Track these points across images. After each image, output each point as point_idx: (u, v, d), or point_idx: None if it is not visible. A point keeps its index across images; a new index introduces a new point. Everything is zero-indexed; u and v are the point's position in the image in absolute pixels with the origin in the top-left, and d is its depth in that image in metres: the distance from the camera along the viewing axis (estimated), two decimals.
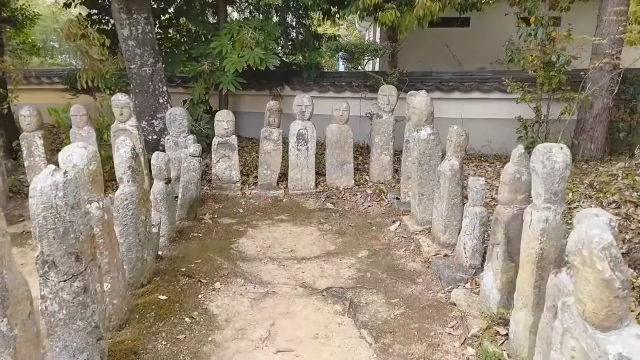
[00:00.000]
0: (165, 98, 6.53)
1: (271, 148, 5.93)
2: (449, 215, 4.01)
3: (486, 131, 7.32)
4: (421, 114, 4.42)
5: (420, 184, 4.52)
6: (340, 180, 6.10)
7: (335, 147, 6.02)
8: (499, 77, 7.31)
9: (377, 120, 6.11)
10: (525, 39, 6.10)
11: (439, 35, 10.80)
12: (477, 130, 7.05)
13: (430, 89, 7.53)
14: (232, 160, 5.85)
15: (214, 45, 7.06)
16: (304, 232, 4.89)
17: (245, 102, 8.72)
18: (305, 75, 8.07)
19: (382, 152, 6.15)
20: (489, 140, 7.37)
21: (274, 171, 6.00)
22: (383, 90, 6.06)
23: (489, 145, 7.38)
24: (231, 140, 5.79)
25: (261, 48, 6.91)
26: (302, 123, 5.90)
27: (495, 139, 7.38)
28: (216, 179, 5.90)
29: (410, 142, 5.03)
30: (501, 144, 7.40)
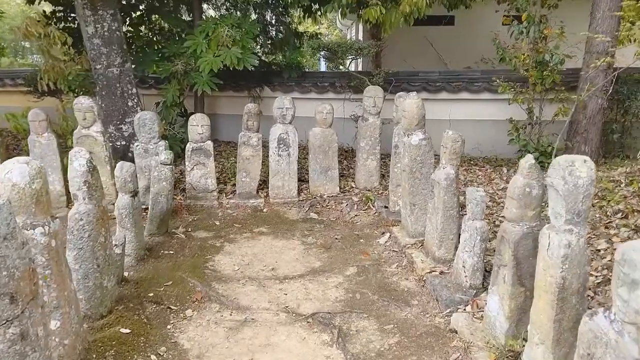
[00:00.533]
0: (134, 101, 6.07)
1: (250, 154, 5.53)
2: (444, 228, 3.66)
3: (475, 133, 7.02)
4: (412, 118, 4.08)
5: (412, 193, 4.18)
6: (324, 187, 5.73)
7: (319, 152, 5.64)
8: (488, 77, 7.04)
9: (363, 123, 5.76)
10: (517, 37, 5.81)
11: (423, 34, 10.52)
12: (465, 132, 6.66)
13: (417, 90, 7.19)
14: (208, 168, 5.43)
15: (187, 44, 6.62)
16: (287, 246, 4.50)
17: (223, 104, 8.29)
18: (286, 76, 7.68)
19: (369, 157, 5.80)
20: (478, 142, 7.08)
21: (253, 179, 5.59)
22: (368, 91, 5.71)
23: (478, 147, 7.09)
24: (206, 146, 5.37)
25: (238, 47, 6.51)
26: (282, 127, 5.51)
27: (484, 141, 7.09)
28: (190, 188, 5.47)
29: (400, 148, 4.68)
30: (491, 146, 7.13)
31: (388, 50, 8.41)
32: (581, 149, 5.95)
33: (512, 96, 5.91)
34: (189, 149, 5.38)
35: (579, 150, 5.96)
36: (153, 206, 4.43)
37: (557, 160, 2.09)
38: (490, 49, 10.77)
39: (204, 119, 5.34)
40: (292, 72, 7.63)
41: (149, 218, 4.49)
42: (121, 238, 3.60)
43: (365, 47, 6.14)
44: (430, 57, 10.58)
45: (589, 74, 5.51)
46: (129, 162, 5.45)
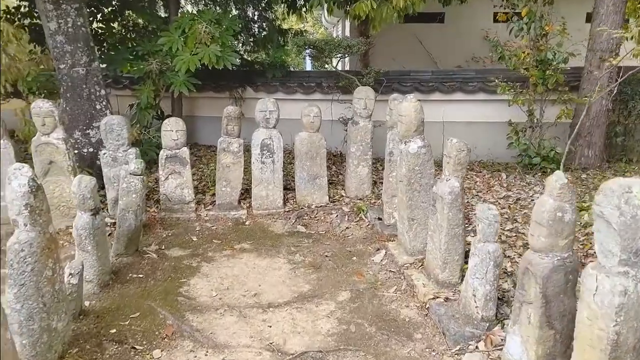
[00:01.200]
0: (103, 103, 5.54)
1: (230, 161, 5.06)
2: (448, 248, 3.25)
3: (470, 136, 6.60)
4: (409, 123, 3.65)
5: (410, 206, 3.75)
6: (312, 196, 5.28)
7: (306, 158, 5.19)
8: (483, 77, 6.67)
9: (353, 127, 5.32)
10: (517, 34, 5.42)
11: (412, 32, 10.15)
12: (460, 134, 6.27)
13: (409, 90, 6.79)
14: (184, 177, 4.94)
15: (162, 41, 6.12)
16: (271, 265, 4.04)
17: (202, 106, 7.78)
18: (270, 76, 7.21)
19: (360, 164, 5.37)
20: (474, 145, 6.65)
21: (234, 188, 5.12)
22: (359, 92, 5.27)
23: (473, 151, 6.68)
24: (182, 153, 4.88)
25: (218, 44, 6.03)
26: (266, 131, 5.05)
27: (480, 144, 6.70)
28: (165, 199, 4.98)
29: (396, 156, 4.25)
30: (487, 149, 6.75)
31: (376, 48, 8.00)
32: (584, 153, 5.61)
33: (512, 97, 5.53)
34: (163, 157, 4.89)
35: (582, 155, 5.62)
36: (120, 223, 3.94)
37: (608, 185, 1.68)
38: (481, 48, 10.51)
39: (178, 124, 4.85)
40: (276, 71, 7.17)
41: (115, 237, 3.99)
42: (78, 266, 3.11)
43: (354, 45, 5.71)
44: (420, 56, 10.21)
45: (603, 74, 5.13)
46: (98, 171, 5.00)
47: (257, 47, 7.52)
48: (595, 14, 5.42)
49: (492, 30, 10.33)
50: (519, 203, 4.74)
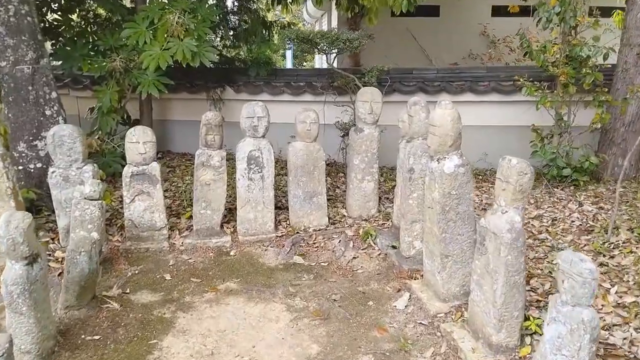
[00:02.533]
0: (54, 109, 4.58)
1: (211, 178, 4.18)
2: (506, 302, 2.47)
3: (481, 141, 5.92)
4: (445, 136, 2.86)
5: (444, 240, 2.96)
6: (309, 218, 4.45)
7: (302, 173, 4.36)
8: (496, 76, 5.95)
9: (357, 135, 4.51)
10: (545, 26, 4.68)
11: (405, 26, 9.40)
12: (470, 139, 5.54)
13: (412, 91, 6.03)
14: (154, 199, 4.04)
15: (125, 34, 5.19)
16: (266, 314, 3.20)
17: (176, 108, 6.86)
18: (253, 74, 6.34)
19: (364, 178, 4.56)
20: (485, 152, 5.97)
21: (215, 210, 4.24)
22: (363, 94, 4.46)
23: (485, 158, 5.98)
24: (151, 169, 3.99)
25: (193, 38, 5.14)
26: (254, 142, 4.19)
27: (492, 151, 5.96)
28: (131, 225, 4.07)
29: (418, 174, 3.46)
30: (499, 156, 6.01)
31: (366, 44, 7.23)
32: (618, 162, 4.92)
33: (541, 99, 4.78)
34: (128, 174, 3.98)
35: (615, 164, 4.93)
36: (70, 268, 3.03)
37: None
38: (478, 43, 9.84)
39: (146, 134, 3.95)
40: (261, 69, 6.30)
41: (64, 284, 3.08)
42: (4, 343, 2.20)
43: (354, 38, 4.89)
44: (414, 53, 9.46)
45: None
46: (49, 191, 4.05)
47: (238, 41, 6.63)
48: (631, 3, 4.73)
49: (491, 24, 9.74)
50: (558, 225, 4.00)
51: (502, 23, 9.46)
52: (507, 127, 5.96)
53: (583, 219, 4.09)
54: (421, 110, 3.45)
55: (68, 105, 6.50)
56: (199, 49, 5.18)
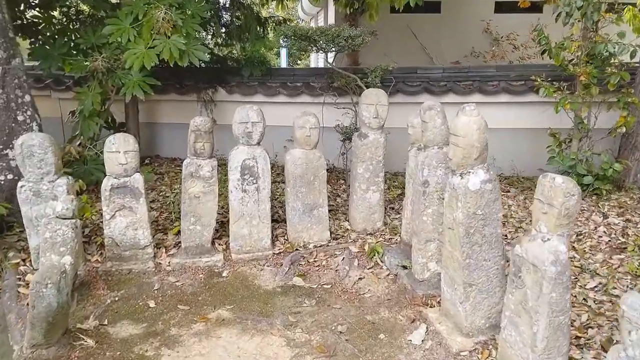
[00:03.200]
0: (27, 113, 4.16)
1: (200, 190, 3.77)
2: (549, 347, 2.09)
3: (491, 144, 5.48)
4: (470, 147, 2.47)
5: (468, 266, 2.58)
6: (309, 232, 4.05)
7: (301, 183, 3.96)
8: (506, 75, 5.57)
9: (361, 141, 4.11)
10: (565, 22, 4.29)
11: (405, 23, 9.02)
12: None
13: (416, 91, 5.65)
14: (138, 214, 3.63)
15: (107, 30, 4.77)
16: (263, 350, 2.80)
17: (164, 110, 6.44)
18: (247, 74, 5.93)
19: (369, 188, 4.17)
20: (493, 157, 5.57)
21: (206, 225, 3.84)
22: (367, 96, 4.06)
23: (493, 163, 5.59)
24: (133, 182, 3.58)
25: (181, 35, 4.73)
26: (248, 150, 3.79)
27: (502, 156, 5.59)
28: (112, 244, 3.66)
29: (433, 187, 3.07)
30: (509, 161, 5.66)
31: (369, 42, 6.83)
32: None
33: (560, 101, 4.40)
34: (107, 188, 3.56)
35: (639, 171, 4.56)
36: (35, 302, 2.60)
37: None
38: (481, 41, 9.46)
39: (128, 142, 3.53)
40: (255, 68, 5.89)
41: (29, 321, 2.66)
42: None
43: (357, 35, 4.48)
44: (414, 51, 9.07)
45: None
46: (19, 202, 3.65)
47: (230, 39, 6.21)
48: None
49: (494, 21, 9.36)
50: (585, 242, 3.63)
51: (506, 20, 9.10)
52: (518, 129, 5.60)
53: (611, 234, 3.73)
54: (437, 115, 3.06)
55: (50, 108, 6.09)
56: (187, 47, 4.78)
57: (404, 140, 5.21)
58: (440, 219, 3.09)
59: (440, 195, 3.05)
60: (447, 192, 2.67)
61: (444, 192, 3.04)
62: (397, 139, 4.96)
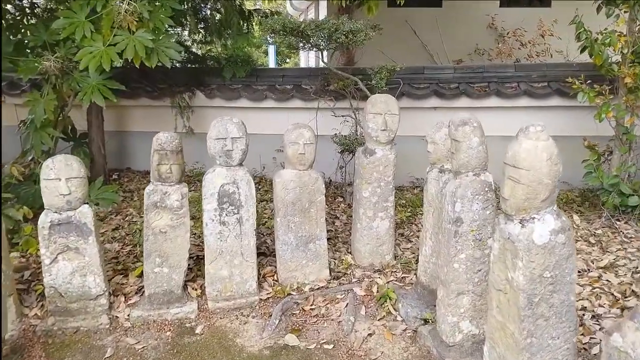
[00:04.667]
0: None
1: (168, 223, 3.00)
2: None
3: None
4: (537, 184, 1.75)
5: (530, 347, 1.85)
6: (303, 271, 3.31)
7: (294, 211, 3.21)
8: (526, 75, 4.87)
9: (366, 158, 3.37)
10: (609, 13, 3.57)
11: (404, 18, 8.29)
12: (495, 152, 4.57)
13: (425, 95, 4.92)
14: (87, 256, 2.85)
15: (59, 25, 3.97)
16: None
17: (135, 117, 5.65)
18: (229, 75, 5.17)
19: (377, 215, 3.43)
20: None
21: (175, 267, 3.07)
22: (375, 104, 3.31)
23: None
24: (80, 216, 2.80)
25: (148, 31, 3.96)
26: (227, 173, 3.02)
27: None
28: (54, 294, 2.88)
29: (469, 225, 2.33)
30: None
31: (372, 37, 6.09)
32: None
33: (603, 107, 3.68)
34: (45, 225, 2.78)
35: None
36: None
37: None
38: (485, 37, 8.75)
39: (70, 167, 2.75)
40: (238, 69, 5.14)
41: None
42: None
43: (360, 30, 3.74)
44: (414, 48, 8.33)
45: None
46: None
47: (210, 35, 5.43)
48: None
49: (499, 15, 8.67)
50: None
51: (512, 14, 8.41)
52: None
53: None
54: (473, 133, 2.33)
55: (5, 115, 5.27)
56: (156, 44, 4.01)
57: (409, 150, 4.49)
58: (477, 265, 2.37)
59: (477, 235, 2.33)
60: (498, 242, 1.94)
61: (480, 232, 2.32)
62: (401, 149, 4.26)
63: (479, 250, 2.37)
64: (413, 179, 5.25)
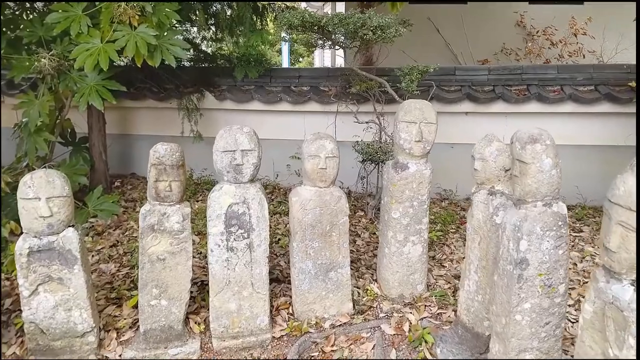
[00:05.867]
0: None
1: (166, 249, 2.58)
2: None
3: None
4: None
5: None
6: (323, 303, 2.87)
7: (313, 235, 2.77)
8: (571, 78, 4.37)
9: (397, 174, 2.91)
10: None
11: (426, 15, 7.79)
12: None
13: (457, 98, 4.45)
14: (71, 288, 2.44)
15: (53, 19, 3.59)
16: None
17: (141, 120, 5.26)
18: (240, 75, 4.74)
19: (408, 239, 2.97)
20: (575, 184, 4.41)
21: (175, 299, 2.65)
22: (408, 111, 2.84)
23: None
24: (64, 242, 2.39)
25: (151, 26, 3.56)
26: (236, 191, 2.59)
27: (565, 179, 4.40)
28: (35, 331, 2.47)
29: (536, 268, 1.87)
30: (572, 186, 4.47)
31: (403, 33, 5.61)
32: None
33: None
34: (24, 252, 2.37)
35: None
36: None
37: None
38: (513, 35, 8.21)
39: (52, 184, 2.33)
40: (250, 69, 4.72)
41: None
42: None
43: (389, 25, 3.28)
44: (437, 47, 7.83)
45: None
46: None
47: (220, 32, 5.00)
48: None
49: (529, 13, 8.13)
50: None
51: (542, 11, 7.86)
52: (582, 146, 4.42)
53: None
54: (545, 153, 1.86)
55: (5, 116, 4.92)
56: (160, 41, 3.60)
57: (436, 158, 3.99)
58: (544, 317, 1.91)
59: (547, 280, 1.87)
60: (593, 305, 1.48)
61: (551, 276, 1.86)
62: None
63: (548, 298, 1.91)
64: (440, 190, 4.78)
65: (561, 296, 1.94)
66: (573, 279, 3.15)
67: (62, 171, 3.92)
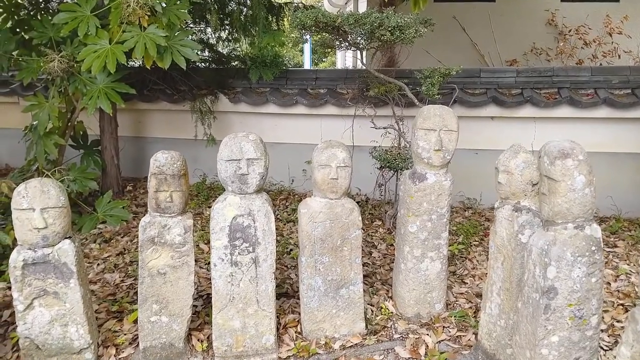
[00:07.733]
0: None
1: (167, 263, 2.44)
2: None
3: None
4: None
5: None
6: (333, 322, 2.69)
7: (323, 250, 2.59)
8: (606, 81, 4.08)
9: (414, 185, 2.70)
10: None
11: (451, 13, 7.53)
12: None
13: (482, 102, 4.21)
14: (67, 303, 2.32)
15: (60, 19, 3.50)
16: None
17: (153, 122, 5.17)
18: (255, 77, 4.59)
19: (426, 255, 2.77)
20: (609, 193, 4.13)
21: (176, 316, 2.51)
22: (427, 117, 2.64)
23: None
24: (59, 255, 2.27)
25: (162, 26, 3.44)
26: (241, 202, 2.43)
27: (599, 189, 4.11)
28: (30, 347, 2.36)
29: (566, 299, 1.65)
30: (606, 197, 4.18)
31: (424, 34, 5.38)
32: None
33: None
34: (18, 264, 2.26)
35: None
36: None
37: None
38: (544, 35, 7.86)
39: (47, 194, 2.21)
40: (266, 71, 4.56)
41: None
42: None
43: (409, 25, 3.07)
44: (462, 46, 7.55)
45: None
46: None
47: (235, 32, 4.86)
48: None
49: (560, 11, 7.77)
50: None
51: (575, 9, 7.51)
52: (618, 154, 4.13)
53: None
54: (577, 169, 1.65)
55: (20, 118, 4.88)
56: (170, 42, 3.48)
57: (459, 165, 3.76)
58: (574, 352, 1.69)
59: (577, 312, 1.65)
60: (631, 349, 1.26)
61: (582, 307, 1.65)
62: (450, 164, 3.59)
63: (579, 331, 1.69)
64: (464, 199, 4.54)
65: (593, 329, 1.72)
66: (606, 300, 2.90)
67: (72, 175, 3.89)
